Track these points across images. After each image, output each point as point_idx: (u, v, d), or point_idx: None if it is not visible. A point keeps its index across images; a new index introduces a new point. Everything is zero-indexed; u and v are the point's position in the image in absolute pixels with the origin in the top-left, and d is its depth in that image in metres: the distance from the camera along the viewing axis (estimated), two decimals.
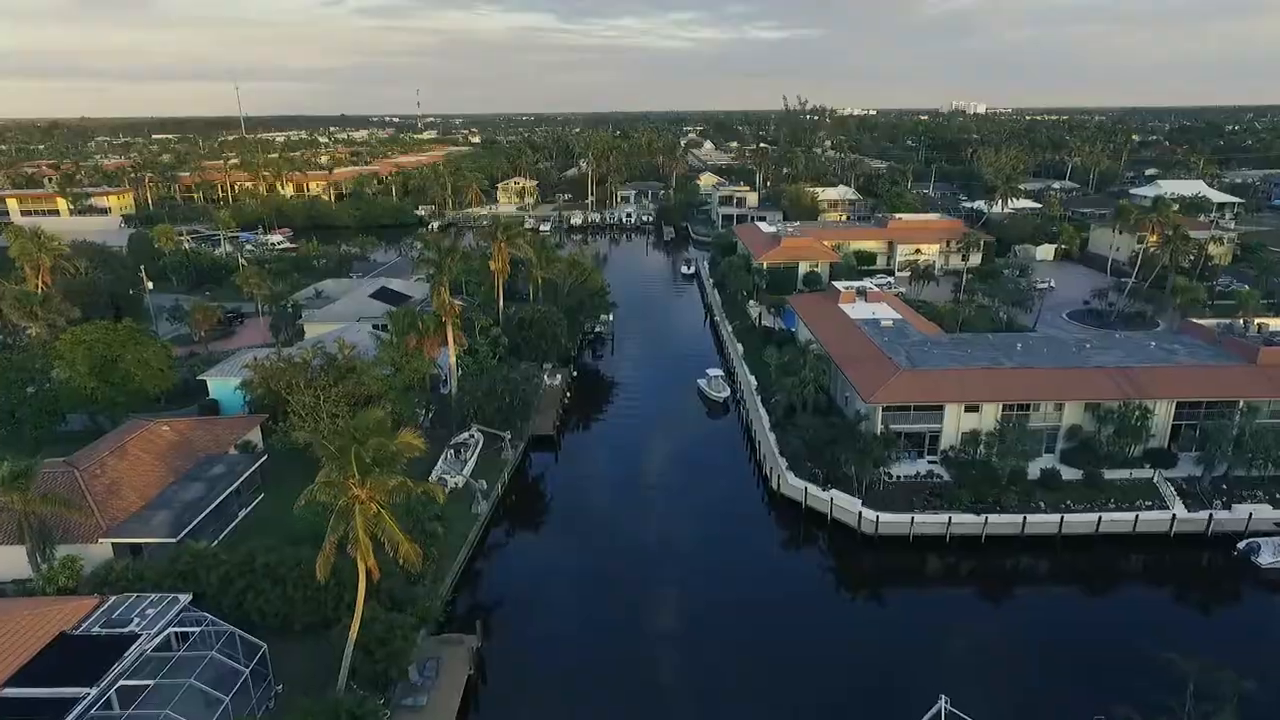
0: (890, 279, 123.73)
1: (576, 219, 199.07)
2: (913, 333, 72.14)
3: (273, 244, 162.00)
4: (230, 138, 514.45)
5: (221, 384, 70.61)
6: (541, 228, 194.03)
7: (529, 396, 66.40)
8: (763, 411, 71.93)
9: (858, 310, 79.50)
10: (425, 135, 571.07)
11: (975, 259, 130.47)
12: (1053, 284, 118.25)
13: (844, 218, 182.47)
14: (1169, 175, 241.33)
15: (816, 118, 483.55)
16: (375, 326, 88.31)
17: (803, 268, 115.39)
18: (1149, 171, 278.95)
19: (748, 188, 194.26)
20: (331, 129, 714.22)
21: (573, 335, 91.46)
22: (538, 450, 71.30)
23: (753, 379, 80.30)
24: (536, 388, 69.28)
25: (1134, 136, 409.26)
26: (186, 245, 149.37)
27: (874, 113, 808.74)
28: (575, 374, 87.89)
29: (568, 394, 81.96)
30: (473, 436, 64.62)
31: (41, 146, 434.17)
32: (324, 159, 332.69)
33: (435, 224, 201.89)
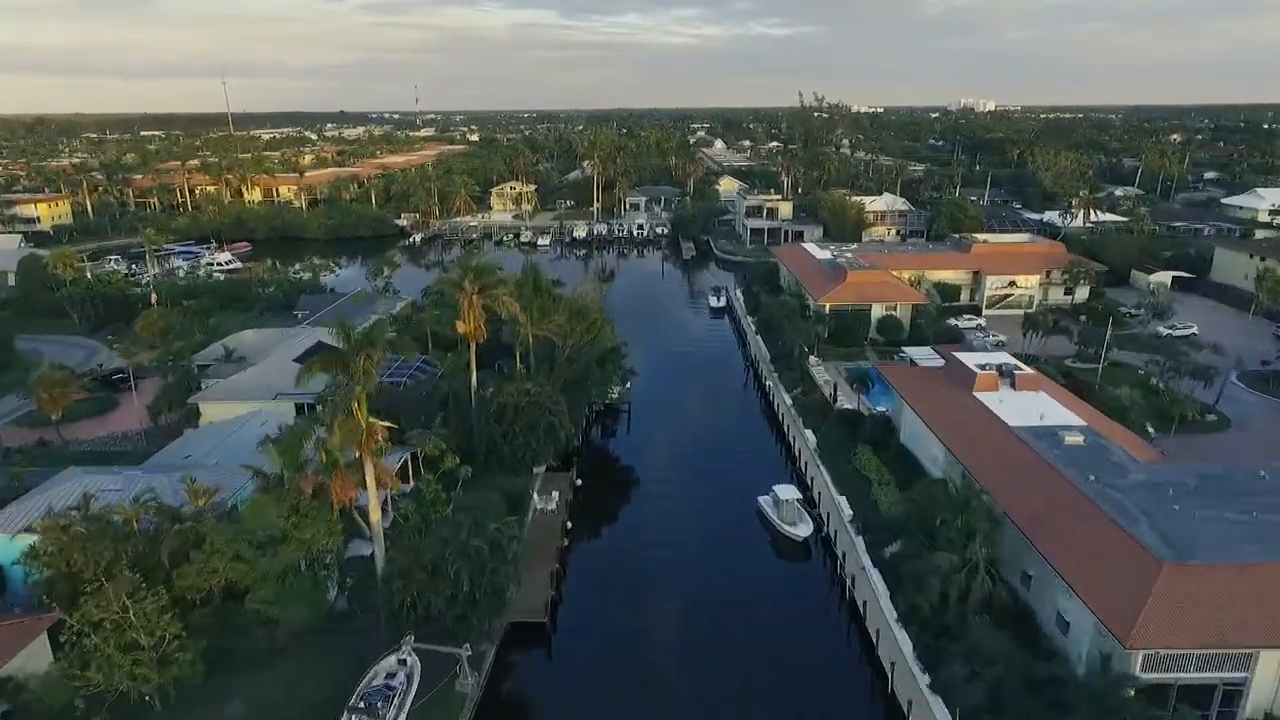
0: (980, 320, 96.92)
1: (580, 230, 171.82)
2: (1120, 457, 45.02)
3: (217, 265, 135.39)
4: (215, 135, 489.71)
5: (6, 545, 43.67)
6: (539, 241, 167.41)
7: (501, 580, 39.43)
8: (876, 580, 44.87)
9: (1007, 405, 52.37)
10: (423, 133, 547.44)
11: (1082, 293, 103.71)
12: (1195, 329, 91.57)
13: (893, 232, 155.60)
14: (1241, 180, 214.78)
15: (830, 115, 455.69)
16: (300, 408, 62.20)
17: (875, 309, 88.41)
18: (1208, 175, 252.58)
19: (778, 196, 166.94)
20: (328, 126, 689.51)
21: (575, 417, 64.80)
22: (519, 646, 44.44)
23: (844, 503, 53.44)
24: (515, 552, 42.41)
25: (1174, 136, 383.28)
26: (111, 267, 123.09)
27: (881, 110, 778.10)
28: (579, 482, 61.08)
29: (568, 524, 55.19)
30: (404, 662, 37.61)
31: (22, 143, 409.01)
32: (307, 159, 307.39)
33: (418, 236, 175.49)
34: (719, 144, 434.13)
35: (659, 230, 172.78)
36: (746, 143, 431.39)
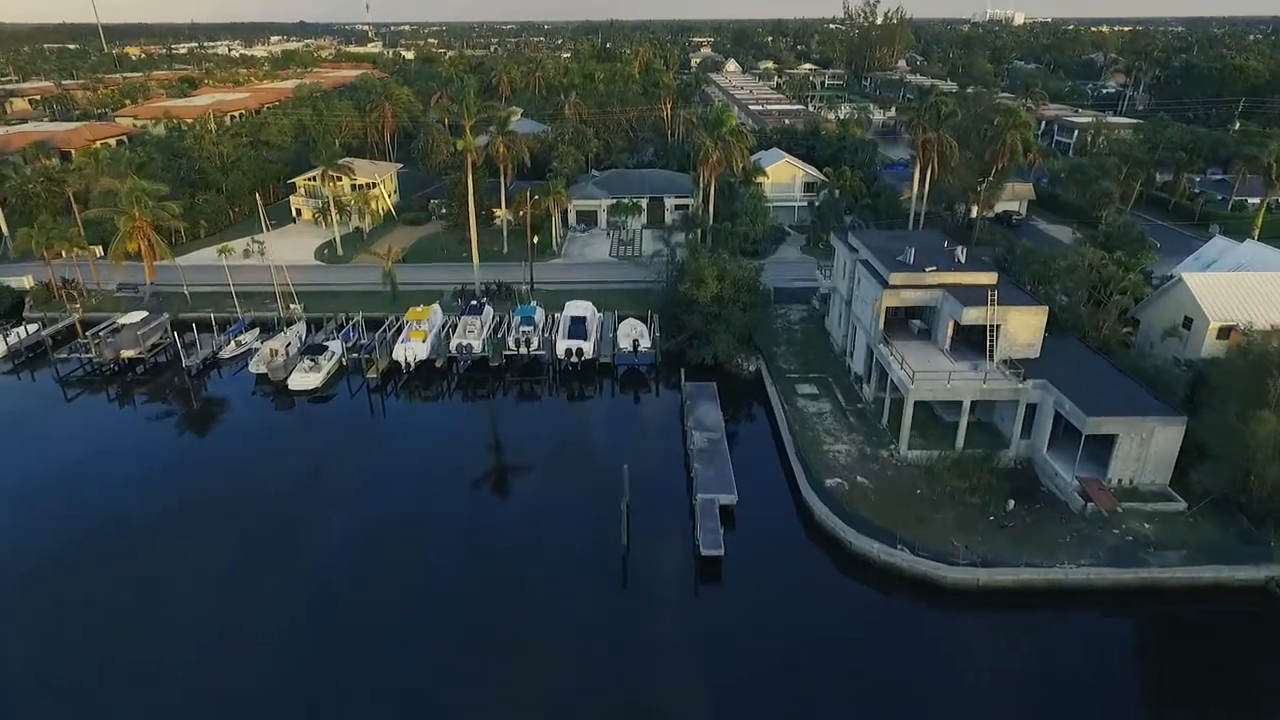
0: None
1: (413, 345, 63.54)
2: None
3: None
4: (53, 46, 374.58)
5: None
6: (298, 380, 61.07)
7: None
8: None
9: None
10: (370, 48, 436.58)
11: None
12: None
13: None
14: None
15: (884, 28, 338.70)
16: None
17: None
18: None
19: (993, 279, 54.45)
20: (273, 39, 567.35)
21: None
22: None
23: None
24: None
25: None
26: None
27: (895, 21, 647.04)
28: None
29: None
30: None
31: None
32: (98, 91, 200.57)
33: (43, 327, 69.43)
34: (732, 65, 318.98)
35: (636, 341, 64.89)
36: (768, 65, 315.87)
